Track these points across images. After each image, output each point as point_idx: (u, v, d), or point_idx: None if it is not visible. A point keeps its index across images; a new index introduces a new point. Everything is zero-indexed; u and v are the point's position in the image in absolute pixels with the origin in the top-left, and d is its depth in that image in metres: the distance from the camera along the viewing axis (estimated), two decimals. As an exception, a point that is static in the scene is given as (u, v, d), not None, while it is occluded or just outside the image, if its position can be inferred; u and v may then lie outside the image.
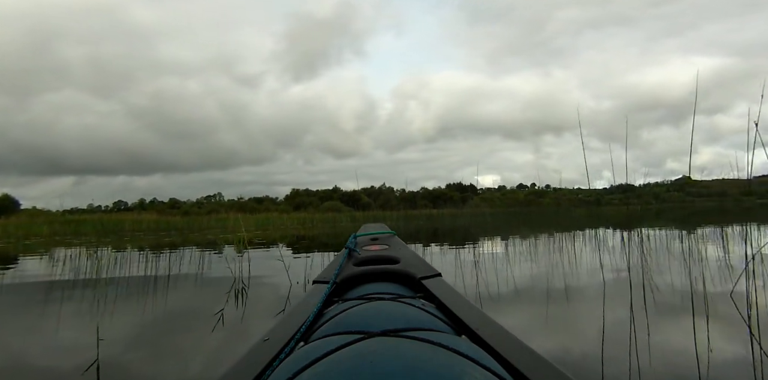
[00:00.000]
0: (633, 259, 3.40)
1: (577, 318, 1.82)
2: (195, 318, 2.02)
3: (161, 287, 2.82)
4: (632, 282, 2.46)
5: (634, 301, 1.98)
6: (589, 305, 2.01)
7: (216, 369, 1.29)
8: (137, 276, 3.35)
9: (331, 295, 0.77)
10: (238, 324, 1.84)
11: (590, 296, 2.18)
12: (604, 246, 4.55)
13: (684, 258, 3.35)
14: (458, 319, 0.63)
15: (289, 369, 0.43)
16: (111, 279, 3.23)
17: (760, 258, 2.92)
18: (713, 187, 19.82)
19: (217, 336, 1.64)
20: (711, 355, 1.26)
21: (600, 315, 1.80)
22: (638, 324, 1.61)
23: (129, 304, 2.35)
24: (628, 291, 2.23)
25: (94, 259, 4.36)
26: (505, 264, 3.33)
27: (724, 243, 4.41)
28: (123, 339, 1.67)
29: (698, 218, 10.14)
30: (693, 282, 2.38)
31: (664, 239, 5.17)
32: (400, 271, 0.86)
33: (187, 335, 1.73)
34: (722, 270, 2.75)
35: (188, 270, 3.55)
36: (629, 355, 1.28)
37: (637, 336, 1.45)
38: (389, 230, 1.27)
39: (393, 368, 0.37)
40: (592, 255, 3.82)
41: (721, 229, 6.20)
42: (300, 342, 0.57)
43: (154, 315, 2.10)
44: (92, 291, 2.72)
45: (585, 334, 1.57)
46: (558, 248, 4.52)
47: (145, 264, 4.08)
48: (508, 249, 4.63)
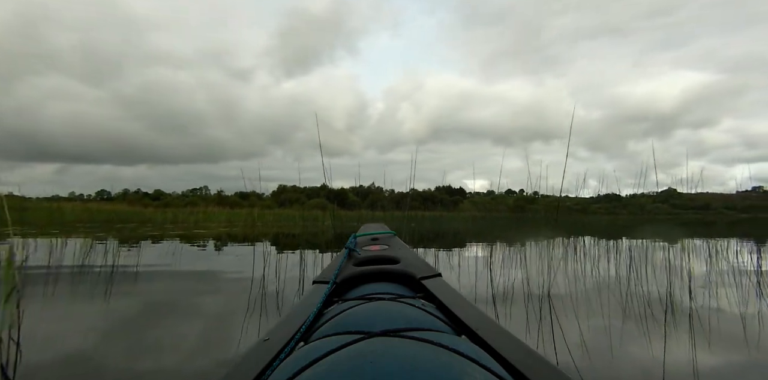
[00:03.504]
0: (624, 269, 3.39)
1: (559, 324, 1.81)
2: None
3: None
4: (622, 291, 2.47)
5: (621, 310, 1.96)
6: (570, 311, 2.01)
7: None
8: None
9: (331, 295, 0.77)
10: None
11: (573, 302, 2.18)
12: (588, 256, 4.54)
13: (668, 270, 3.35)
14: (458, 319, 0.63)
15: (289, 369, 0.43)
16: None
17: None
18: (698, 199, 20.14)
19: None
20: (686, 366, 1.30)
21: (582, 323, 1.78)
22: (615, 333, 1.66)
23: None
24: (613, 299, 2.25)
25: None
26: (488, 268, 3.29)
27: (706, 256, 4.45)
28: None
29: (685, 230, 10.27)
30: (674, 294, 2.39)
31: (658, 250, 5.16)
32: (400, 271, 0.86)
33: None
34: (698, 282, 2.81)
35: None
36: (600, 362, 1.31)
37: (613, 345, 1.51)
38: (389, 230, 1.27)
39: (393, 368, 0.37)
40: (580, 263, 3.82)
41: (706, 242, 6.24)
42: (300, 342, 0.57)
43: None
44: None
45: (563, 340, 1.56)
46: (546, 255, 4.51)
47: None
48: (495, 253, 4.57)
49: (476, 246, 5.68)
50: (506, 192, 21.92)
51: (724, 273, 3.23)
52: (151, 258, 3.93)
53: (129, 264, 3.42)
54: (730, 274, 3.16)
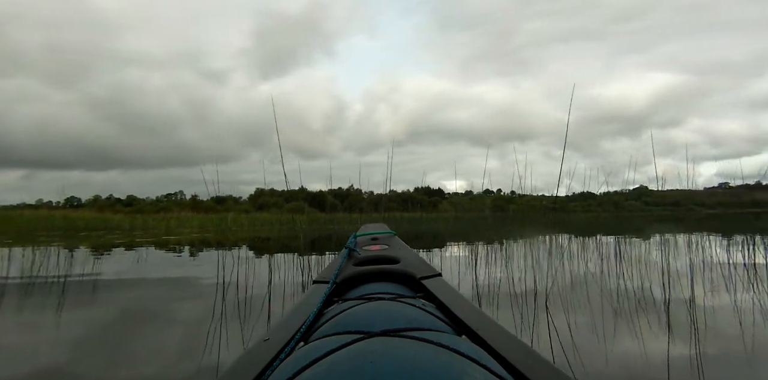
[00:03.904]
0: (608, 266, 3.38)
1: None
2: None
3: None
4: (605, 286, 2.50)
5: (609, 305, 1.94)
6: (558, 308, 2.02)
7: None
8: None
9: (331, 295, 0.77)
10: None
11: (561, 299, 2.20)
12: (566, 252, 4.54)
13: (646, 266, 3.36)
14: (458, 319, 0.63)
15: (289, 369, 0.43)
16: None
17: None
18: (669, 196, 20.77)
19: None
20: (660, 358, 1.32)
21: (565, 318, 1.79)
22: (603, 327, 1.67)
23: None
24: (597, 294, 2.30)
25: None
26: (472, 267, 3.22)
27: (672, 250, 4.54)
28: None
29: (658, 226, 10.52)
30: (652, 289, 2.39)
31: (642, 246, 5.22)
32: (400, 271, 0.86)
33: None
34: (676, 276, 2.84)
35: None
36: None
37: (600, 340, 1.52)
38: (389, 230, 1.27)
39: (393, 368, 0.37)
40: (565, 260, 3.80)
41: (674, 237, 6.36)
42: (300, 342, 0.57)
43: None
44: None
45: (552, 337, 1.57)
46: (529, 253, 4.48)
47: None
48: (477, 252, 4.49)
49: (457, 246, 5.61)
50: (484, 192, 22.03)
51: (708, 268, 3.23)
52: (111, 266, 3.71)
53: (86, 274, 3.20)
54: (718, 269, 3.16)
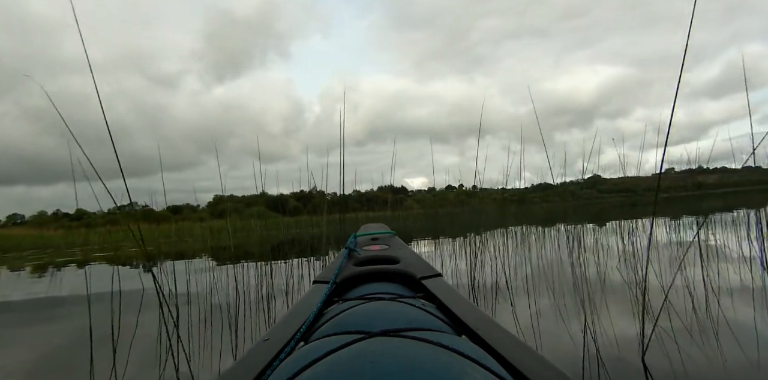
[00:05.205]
0: (573, 254, 3.40)
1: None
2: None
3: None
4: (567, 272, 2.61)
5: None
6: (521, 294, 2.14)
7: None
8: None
9: (331, 295, 0.76)
10: None
11: (523, 286, 2.31)
12: (526, 242, 4.47)
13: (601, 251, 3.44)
14: (458, 319, 0.62)
15: (290, 369, 0.43)
16: None
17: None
18: (621, 183, 21.72)
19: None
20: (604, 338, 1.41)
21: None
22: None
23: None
24: (557, 279, 2.43)
25: None
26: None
27: (623, 235, 4.74)
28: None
29: (611, 213, 10.89)
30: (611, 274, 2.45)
31: (600, 233, 5.28)
32: (400, 271, 0.86)
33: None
34: (628, 259, 3.03)
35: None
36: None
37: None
38: (389, 230, 1.26)
39: (393, 368, 0.37)
40: (525, 248, 3.80)
41: (621, 223, 6.53)
42: (300, 342, 0.56)
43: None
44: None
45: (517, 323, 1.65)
46: (490, 244, 4.38)
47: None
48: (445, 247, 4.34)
49: (422, 242, 5.48)
50: (446, 187, 22.21)
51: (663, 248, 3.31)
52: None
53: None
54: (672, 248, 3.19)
